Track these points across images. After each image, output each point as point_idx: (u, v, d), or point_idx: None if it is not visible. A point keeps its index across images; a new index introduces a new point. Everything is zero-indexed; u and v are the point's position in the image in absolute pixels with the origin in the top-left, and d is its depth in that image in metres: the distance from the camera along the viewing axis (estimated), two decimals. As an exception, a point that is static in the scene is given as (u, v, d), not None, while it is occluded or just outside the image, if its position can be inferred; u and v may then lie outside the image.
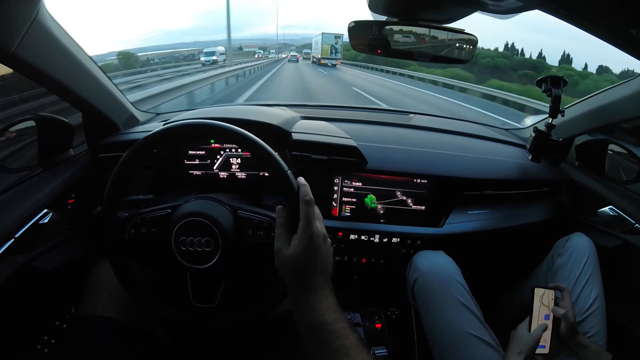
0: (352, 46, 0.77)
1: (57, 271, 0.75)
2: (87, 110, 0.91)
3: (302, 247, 0.49)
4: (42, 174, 0.82)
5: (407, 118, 1.28)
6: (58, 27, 0.70)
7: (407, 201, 0.96)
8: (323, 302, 0.48)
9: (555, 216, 1.03)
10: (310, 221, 0.50)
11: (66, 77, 0.76)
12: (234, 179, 0.96)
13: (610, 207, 0.96)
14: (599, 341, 0.76)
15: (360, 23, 0.76)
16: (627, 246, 0.90)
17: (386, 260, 0.98)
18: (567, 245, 0.87)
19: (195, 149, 0.94)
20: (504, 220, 0.98)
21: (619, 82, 0.90)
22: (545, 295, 0.79)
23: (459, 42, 0.75)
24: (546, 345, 0.76)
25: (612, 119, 0.93)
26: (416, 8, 0.69)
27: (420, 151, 1.00)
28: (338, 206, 0.96)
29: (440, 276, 0.82)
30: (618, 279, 0.91)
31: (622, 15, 0.49)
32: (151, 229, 0.63)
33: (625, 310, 0.89)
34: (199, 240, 0.60)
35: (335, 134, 0.97)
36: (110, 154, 0.89)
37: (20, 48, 0.60)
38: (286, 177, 0.55)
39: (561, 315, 0.75)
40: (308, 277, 0.49)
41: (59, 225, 0.82)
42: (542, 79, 0.93)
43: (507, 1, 0.52)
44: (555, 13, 0.51)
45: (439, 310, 0.79)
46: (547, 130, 0.97)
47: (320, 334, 0.46)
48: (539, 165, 1.02)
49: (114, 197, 0.60)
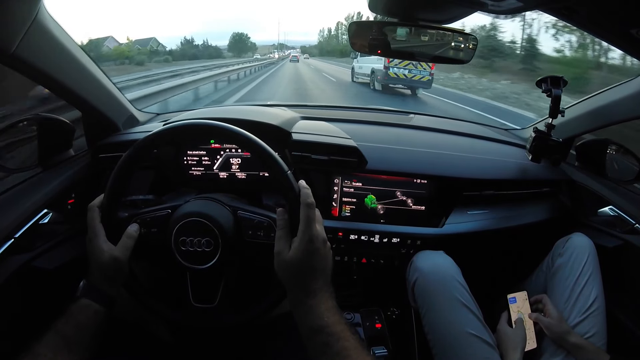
0: (352, 46, 0.77)
1: (57, 271, 0.74)
2: (87, 111, 0.91)
3: (301, 250, 0.49)
4: (42, 174, 0.82)
5: (407, 118, 1.28)
6: (58, 27, 0.70)
7: (407, 201, 0.96)
8: (323, 304, 0.48)
9: (555, 216, 1.03)
10: (310, 224, 0.50)
11: (66, 77, 0.76)
12: (234, 179, 0.96)
13: (610, 207, 0.96)
14: (599, 341, 0.76)
15: (360, 23, 0.77)
16: (627, 246, 0.90)
17: (386, 261, 0.98)
18: (567, 245, 0.87)
19: (195, 149, 0.94)
20: (504, 221, 0.98)
21: (619, 82, 0.90)
22: (518, 296, 0.87)
23: (459, 42, 0.75)
24: (531, 340, 0.81)
25: (612, 119, 0.93)
26: (416, 8, 0.69)
27: (420, 151, 1.00)
28: (338, 206, 0.96)
29: (441, 276, 0.82)
30: (618, 279, 0.91)
31: (622, 15, 0.49)
32: (151, 229, 0.63)
33: (625, 310, 0.89)
34: (199, 241, 0.60)
35: (335, 134, 0.97)
36: (110, 154, 0.89)
37: (20, 48, 0.59)
38: (286, 178, 0.55)
39: (534, 318, 0.83)
40: (308, 280, 0.49)
41: (59, 225, 0.82)
42: (542, 79, 0.93)
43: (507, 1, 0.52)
44: (556, 13, 0.51)
45: (439, 310, 0.79)
46: (547, 130, 0.97)
47: (320, 336, 0.46)
48: (539, 166, 1.02)
49: (114, 197, 0.60)
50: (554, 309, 0.80)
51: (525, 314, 0.85)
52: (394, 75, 8.27)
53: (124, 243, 0.58)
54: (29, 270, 0.71)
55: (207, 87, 8.55)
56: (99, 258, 0.56)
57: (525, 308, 0.86)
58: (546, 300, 0.83)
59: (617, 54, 7.67)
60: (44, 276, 0.73)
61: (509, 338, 0.78)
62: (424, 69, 8.19)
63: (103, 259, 0.56)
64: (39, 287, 0.74)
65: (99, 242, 0.57)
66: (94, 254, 0.56)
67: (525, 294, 0.87)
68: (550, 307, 0.81)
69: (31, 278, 0.72)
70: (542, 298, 0.85)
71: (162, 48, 39.11)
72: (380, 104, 2.42)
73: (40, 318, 0.67)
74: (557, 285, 0.84)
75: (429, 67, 8.18)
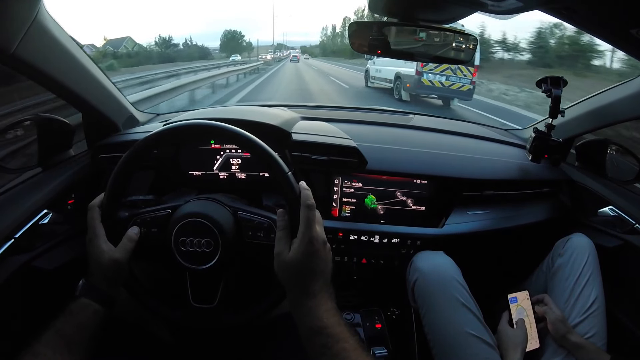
0: (352, 46, 0.77)
1: (57, 271, 0.74)
2: (87, 111, 0.91)
3: (301, 251, 0.49)
4: (42, 174, 0.82)
5: (407, 119, 1.28)
6: (58, 27, 0.70)
7: (407, 201, 0.96)
8: (322, 306, 0.48)
9: (555, 216, 1.03)
10: (310, 225, 0.50)
11: (66, 77, 0.75)
12: (234, 179, 0.96)
13: (610, 207, 0.96)
14: (599, 341, 0.76)
15: (360, 24, 0.77)
16: (627, 246, 0.90)
17: (386, 261, 0.98)
18: (567, 246, 0.87)
19: (195, 150, 0.94)
20: (504, 221, 0.98)
21: (619, 82, 0.90)
22: (519, 296, 0.86)
23: (460, 42, 0.75)
24: (533, 340, 0.80)
25: (612, 119, 0.93)
26: (416, 8, 0.69)
27: (420, 152, 1.00)
28: (338, 207, 0.96)
29: (441, 276, 0.82)
30: (618, 279, 0.91)
31: (622, 15, 0.49)
32: (151, 229, 0.63)
33: (625, 310, 0.89)
34: (199, 241, 0.60)
35: (335, 135, 0.97)
36: (110, 154, 0.89)
37: (20, 48, 0.59)
38: (287, 179, 0.55)
39: (542, 311, 0.81)
40: (307, 282, 0.49)
41: (59, 226, 0.82)
42: (542, 79, 0.94)
43: (507, 1, 0.52)
44: (556, 13, 0.51)
45: (439, 311, 0.79)
46: (547, 130, 0.97)
47: (320, 337, 0.46)
48: (539, 166, 1.02)
49: (114, 197, 0.60)
50: (557, 308, 0.80)
51: (528, 312, 0.84)
52: (429, 84, 6.54)
53: (124, 245, 0.58)
54: (28, 270, 0.71)
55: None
56: (98, 258, 0.56)
57: (527, 307, 0.85)
58: (548, 300, 0.83)
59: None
60: (43, 276, 0.73)
61: (510, 338, 0.78)
62: (464, 75, 6.47)
63: (103, 259, 0.56)
64: (39, 287, 0.74)
65: (99, 242, 0.57)
66: (94, 254, 0.56)
67: (527, 293, 0.86)
68: (553, 307, 0.80)
69: (31, 278, 0.72)
70: (543, 297, 0.84)
71: (140, 49, 33.01)
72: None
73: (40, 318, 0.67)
74: (557, 286, 0.84)
75: (470, 73, 6.49)
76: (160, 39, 43.50)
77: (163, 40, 44.16)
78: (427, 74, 6.52)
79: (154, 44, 42.13)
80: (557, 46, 16.62)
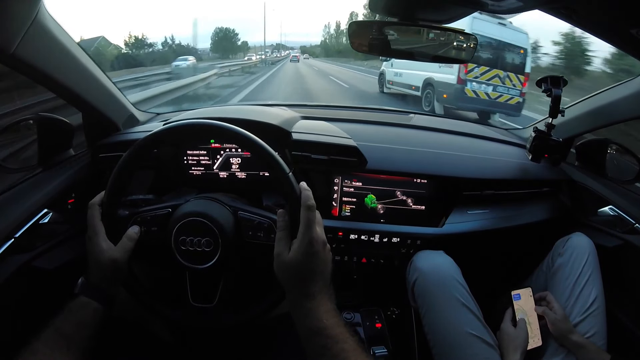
0: (352, 45, 0.77)
1: (57, 271, 0.75)
2: (87, 110, 0.91)
3: (301, 252, 0.49)
4: (42, 174, 0.82)
5: (407, 118, 1.28)
6: (58, 27, 0.70)
7: (407, 201, 0.96)
8: (322, 307, 0.48)
9: (555, 216, 1.03)
10: (310, 226, 0.50)
11: (66, 77, 0.76)
12: (234, 179, 0.96)
13: (610, 207, 0.96)
14: (599, 341, 0.76)
15: (360, 23, 0.76)
16: (627, 246, 0.90)
17: (386, 260, 0.98)
18: (567, 245, 0.87)
19: (195, 149, 0.94)
20: (504, 220, 0.97)
21: (619, 82, 0.90)
22: (522, 293, 0.85)
23: (460, 41, 0.75)
24: (536, 338, 0.80)
25: (612, 119, 0.93)
26: (416, 8, 0.69)
27: (420, 151, 1.00)
28: (338, 206, 0.96)
29: (440, 276, 0.82)
30: (618, 279, 0.91)
31: (622, 15, 0.49)
32: (151, 228, 0.63)
33: (625, 310, 0.89)
34: (199, 240, 0.60)
35: (335, 134, 0.97)
36: (110, 154, 0.89)
37: (20, 48, 0.60)
38: (287, 179, 0.55)
39: (541, 311, 0.81)
40: (307, 282, 0.49)
41: (59, 225, 0.82)
42: (542, 78, 0.93)
43: (507, 1, 0.52)
44: (556, 13, 0.51)
45: (439, 310, 0.79)
46: (547, 130, 0.97)
47: (319, 338, 0.46)
48: (539, 165, 1.02)
49: (115, 196, 0.60)
50: (559, 307, 0.79)
51: (530, 310, 0.84)
52: (472, 95, 5.12)
53: (124, 244, 0.58)
54: (29, 270, 0.71)
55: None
56: (98, 256, 0.56)
57: (530, 305, 0.84)
58: (550, 298, 0.82)
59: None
60: (44, 276, 0.73)
61: (511, 338, 0.78)
62: (513, 85, 5.16)
63: (102, 257, 0.56)
64: (39, 287, 0.74)
65: (98, 240, 0.57)
66: (94, 252, 0.56)
67: (530, 290, 0.86)
68: (555, 305, 0.80)
69: (31, 278, 0.72)
70: (546, 295, 0.84)
71: (117, 49, 26.87)
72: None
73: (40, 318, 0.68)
74: (557, 285, 0.84)
75: (520, 82, 5.19)
76: (133, 38, 35.10)
77: (136, 40, 35.38)
78: (470, 82, 5.10)
79: (125, 45, 33.62)
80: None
